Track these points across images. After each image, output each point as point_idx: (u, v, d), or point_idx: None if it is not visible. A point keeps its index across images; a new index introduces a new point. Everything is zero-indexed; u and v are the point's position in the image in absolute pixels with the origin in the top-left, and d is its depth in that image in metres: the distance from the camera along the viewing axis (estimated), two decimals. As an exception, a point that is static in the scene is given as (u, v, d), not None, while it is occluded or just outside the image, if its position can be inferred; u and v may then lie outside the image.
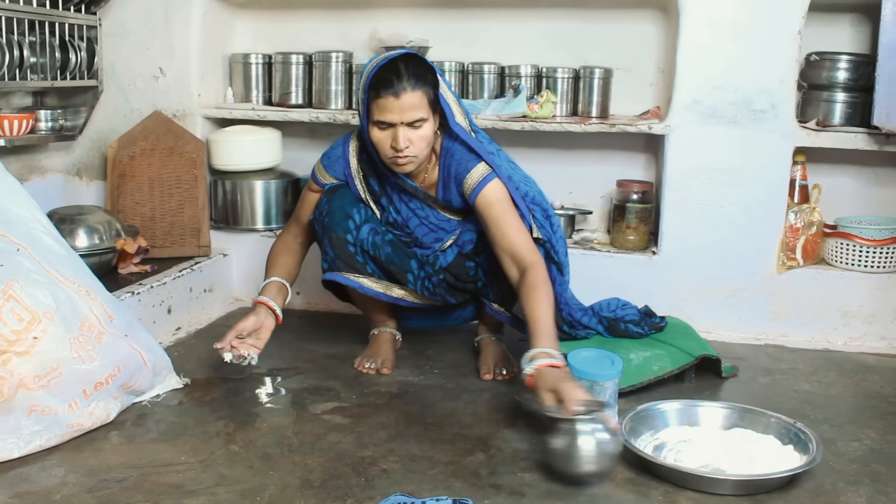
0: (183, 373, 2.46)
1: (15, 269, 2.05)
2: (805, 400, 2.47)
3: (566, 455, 1.89)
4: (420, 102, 2.25)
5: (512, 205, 2.36)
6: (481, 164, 2.37)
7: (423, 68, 2.28)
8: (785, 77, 2.89)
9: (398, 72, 2.23)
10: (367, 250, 2.48)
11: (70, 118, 3.18)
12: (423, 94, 2.25)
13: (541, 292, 2.20)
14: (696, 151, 2.98)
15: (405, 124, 2.26)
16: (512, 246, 2.30)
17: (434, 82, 2.30)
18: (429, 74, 2.29)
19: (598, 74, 3.16)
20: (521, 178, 2.51)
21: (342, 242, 2.47)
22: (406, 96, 2.23)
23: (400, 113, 2.24)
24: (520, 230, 2.33)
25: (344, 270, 2.50)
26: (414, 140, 2.28)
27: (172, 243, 3.15)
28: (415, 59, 2.29)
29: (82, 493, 1.84)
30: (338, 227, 2.46)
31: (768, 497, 1.89)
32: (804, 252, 3.01)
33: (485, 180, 2.35)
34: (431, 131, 2.31)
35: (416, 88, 2.24)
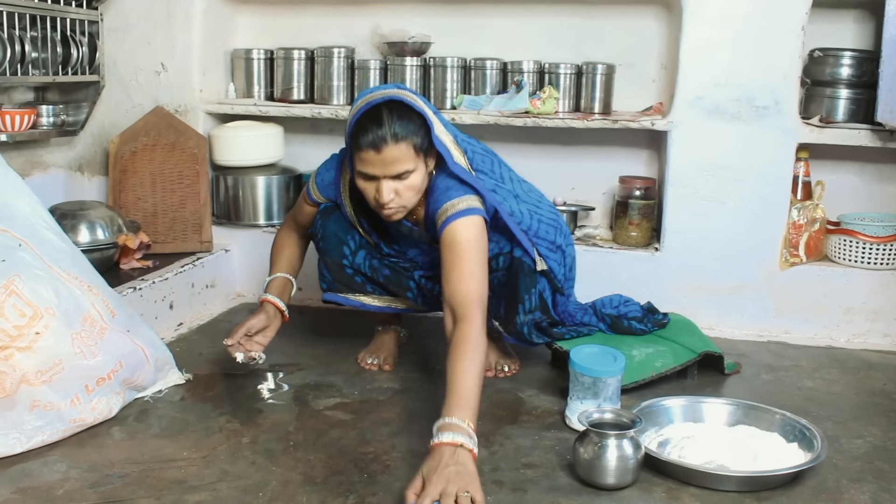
0: (185, 368, 2.46)
1: (17, 265, 2.04)
2: (808, 397, 2.47)
3: (590, 465, 1.89)
4: (405, 154, 2.08)
5: (476, 246, 2.13)
6: (459, 200, 2.16)
7: (409, 115, 2.09)
8: (788, 73, 2.88)
9: (380, 121, 2.05)
10: (365, 272, 2.46)
11: (72, 113, 3.18)
12: (408, 146, 2.08)
13: (468, 353, 1.92)
14: (699, 148, 2.97)
15: (389, 178, 2.11)
16: (453, 294, 2.05)
17: (424, 127, 2.12)
18: (416, 121, 2.10)
19: (600, 70, 3.15)
20: (531, 209, 2.38)
21: (338, 267, 2.44)
22: (388, 150, 2.05)
23: (382, 167, 2.08)
24: (471, 276, 2.07)
25: (342, 291, 2.49)
26: (400, 191, 2.12)
27: (174, 239, 3.14)
28: (400, 105, 2.10)
29: (84, 489, 1.83)
30: (333, 252, 2.43)
31: (772, 494, 1.88)
32: (807, 249, 3.00)
33: (455, 215, 2.13)
34: (421, 179, 2.15)
35: (399, 141, 2.06)
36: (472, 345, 1.95)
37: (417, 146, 2.10)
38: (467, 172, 2.22)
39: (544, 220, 2.39)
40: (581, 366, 2.16)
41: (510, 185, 2.40)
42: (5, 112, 2.80)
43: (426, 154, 2.15)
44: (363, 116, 2.08)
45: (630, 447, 1.89)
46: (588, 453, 1.89)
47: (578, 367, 2.16)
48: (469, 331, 1.98)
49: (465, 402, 1.83)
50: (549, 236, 2.39)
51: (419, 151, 2.11)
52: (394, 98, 2.11)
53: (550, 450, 2.08)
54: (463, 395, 1.84)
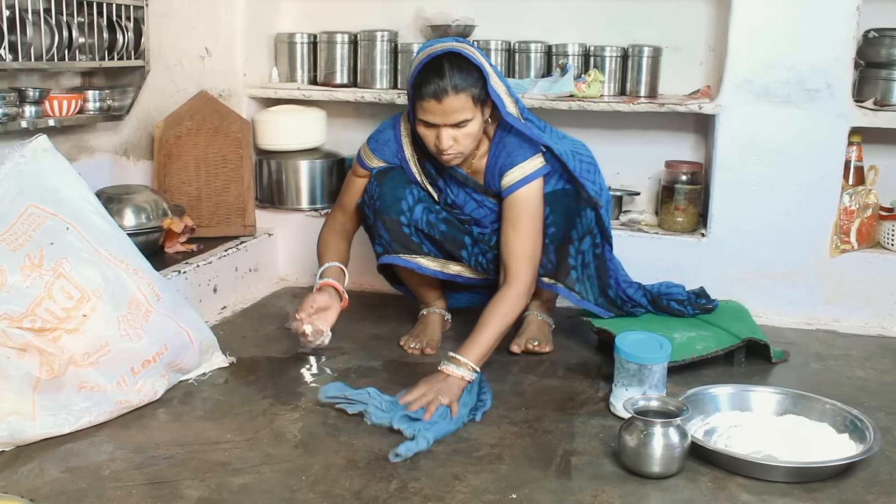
0: (229, 351, 2.47)
1: (64, 248, 2.07)
2: (859, 387, 2.42)
3: (635, 453, 1.86)
4: (464, 104, 2.21)
5: (536, 212, 2.36)
6: (525, 163, 2.36)
7: (468, 68, 2.22)
8: (841, 55, 2.81)
9: (441, 73, 2.19)
10: (422, 229, 2.48)
11: (117, 98, 3.20)
12: (467, 96, 2.21)
13: (499, 311, 2.26)
14: (748, 132, 2.92)
15: (449, 125, 2.24)
16: (509, 254, 2.33)
17: (481, 79, 2.24)
18: (474, 73, 2.23)
19: (646, 53, 3.10)
20: (572, 150, 2.47)
21: (396, 225, 2.46)
22: (448, 100, 2.19)
23: (443, 116, 2.22)
24: (526, 242, 2.33)
25: (400, 252, 2.49)
26: (459, 138, 2.26)
27: (218, 223, 3.16)
28: (459, 58, 2.23)
29: (131, 470, 1.85)
30: (390, 209, 2.45)
31: (822, 486, 1.84)
32: (859, 235, 2.93)
33: (520, 182, 2.35)
34: (478, 127, 2.29)
35: (459, 92, 2.20)
36: (509, 305, 2.28)
37: (475, 96, 2.23)
38: (518, 120, 2.34)
39: (584, 160, 2.47)
40: (626, 352, 2.13)
41: (551, 132, 2.51)
42: (53, 97, 2.83)
43: (483, 104, 2.27)
44: (425, 68, 2.21)
45: (676, 435, 1.86)
46: (633, 441, 1.86)
47: (624, 354, 2.14)
48: (511, 292, 2.29)
49: (478, 348, 2.18)
50: (590, 175, 2.47)
51: (477, 101, 2.24)
52: (453, 50, 2.23)
53: (595, 437, 2.06)
54: (478, 343, 2.20)
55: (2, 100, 2.60)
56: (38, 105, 2.77)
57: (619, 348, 2.15)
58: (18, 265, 1.99)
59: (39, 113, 2.77)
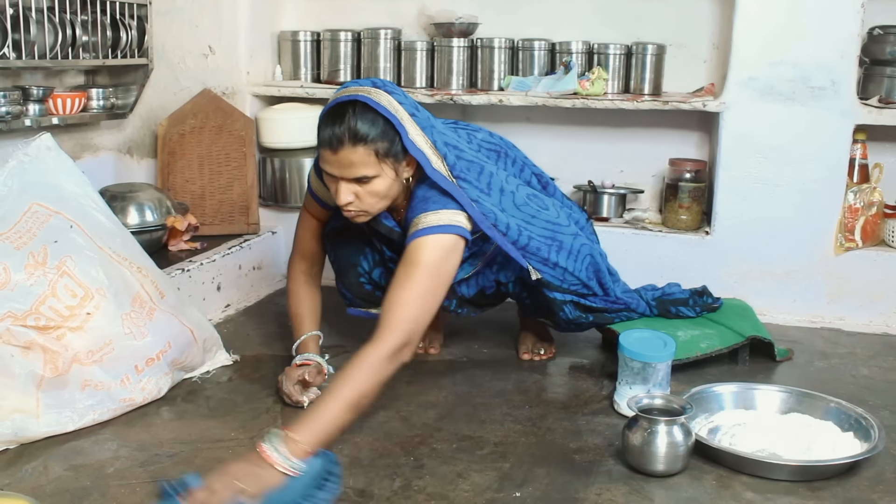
0: (232, 349, 2.48)
1: (68, 246, 2.07)
2: (864, 385, 2.41)
3: (639, 451, 1.86)
4: (364, 159, 1.94)
5: (437, 270, 1.98)
6: (435, 213, 2.02)
7: (370, 119, 1.93)
8: (846, 52, 2.80)
9: (341, 122, 1.92)
10: (384, 287, 2.26)
11: (121, 97, 3.21)
12: (367, 150, 1.93)
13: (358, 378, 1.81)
14: (752, 129, 2.91)
15: (347, 180, 1.98)
16: (389, 308, 1.93)
17: (390, 134, 1.96)
18: (378, 127, 1.94)
19: (650, 51, 3.09)
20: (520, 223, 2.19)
21: (358, 286, 2.38)
22: (345, 152, 1.93)
23: (339, 168, 1.96)
24: (415, 300, 1.93)
25: (364, 307, 2.44)
26: (361, 195, 2.00)
27: (222, 221, 3.16)
28: (366, 108, 1.94)
29: (134, 467, 1.86)
30: (349, 274, 2.37)
31: (826, 484, 1.84)
32: (863, 233, 2.92)
33: (427, 230, 2.00)
34: (387, 186, 2.00)
35: (357, 145, 1.92)
36: (366, 368, 1.84)
37: (381, 151, 1.96)
38: (446, 180, 2.04)
39: (535, 236, 2.20)
40: (630, 350, 2.13)
41: (496, 198, 2.17)
42: (57, 96, 2.83)
43: (396, 159, 1.99)
44: (328, 112, 1.97)
45: (680, 434, 1.86)
46: (637, 439, 1.86)
47: (627, 352, 2.13)
48: (373, 352, 1.86)
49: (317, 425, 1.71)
50: (540, 253, 2.21)
51: (384, 157, 1.97)
52: (361, 98, 1.95)
53: (599, 435, 2.05)
54: (320, 418, 1.73)
55: (5, 98, 2.60)
56: (41, 103, 2.77)
57: (623, 346, 2.15)
58: (22, 263, 2.00)
59: (43, 111, 2.78)
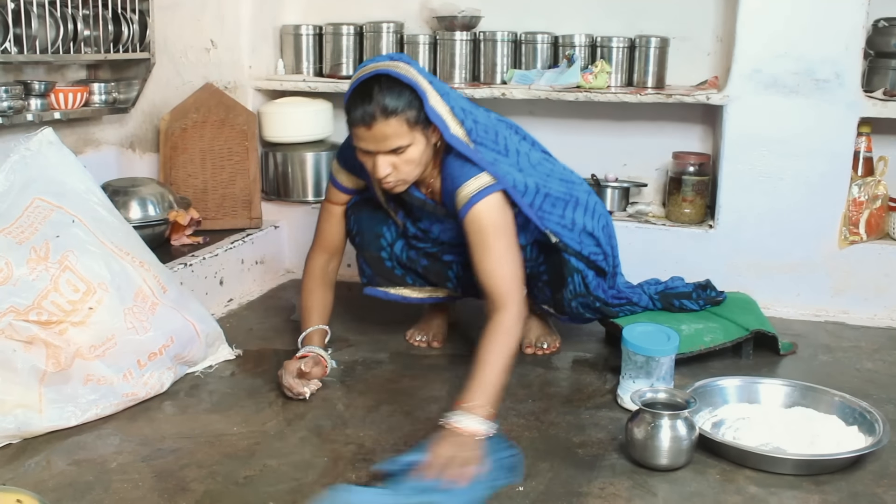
0: (235, 344, 2.47)
1: (70, 241, 2.07)
2: (868, 379, 2.40)
3: (643, 446, 1.86)
4: (396, 130, 2.01)
5: (502, 227, 2.09)
6: (473, 180, 2.10)
7: (397, 91, 2.01)
8: (850, 44, 2.78)
9: (370, 98, 2.00)
10: (405, 262, 2.42)
11: (123, 91, 3.20)
12: (399, 121, 2.01)
13: (496, 342, 1.95)
14: (756, 122, 2.89)
15: (384, 152, 2.05)
16: (489, 279, 2.05)
17: (416, 102, 2.03)
18: (407, 96, 2.02)
19: (654, 44, 3.08)
20: (537, 182, 2.24)
21: (378, 260, 2.41)
22: (378, 126, 2.00)
23: (375, 143, 2.03)
24: (501, 261, 2.06)
25: (383, 285, 2.46)
26: (398, 165, 2.07)
27: (224, 215, 3.16)
28: (390, 81, 2.02)
29: (137, 462, 1.85)
30: (371, 245, 2.39)
31: (831, 478, 1.84)
32: (868, 226, 2.91)
33: (473, 199, 2.08)
34: (420, 152, 2.08)
35: (389, 117, 2.00)
36: (503, 333, 1.98)
37: (411, 120, 2.03)
38: (464, 144, 2.12)
39: (552, 192, 2.27)
40: (634, 344, 2.12)
41: (514, 158, 2.25)
42: (59, 90, 2.82)
43: (424, 126, 2.07)
44: (354, 92, 2.04)
45: (684, 427, 1.85)
46: (641, 433, 1.85)
47: (631, 346, 2.13)
48: (501, 319, 1.99)
49: (485, 392, 1.87)
50: (556, 210, 2.27)
51: (414, 125, 2.04)
52: (383, 72, 2.04)
53: (602, 429, 2.05)
54: (485, 385, 1.88)
55: (7, 93, 2.60)
56: (43, 98, 2.77)
57: (626, 340, 2.14)
58: (24, 258, 1.99)
59: (45, 106, 2.77)
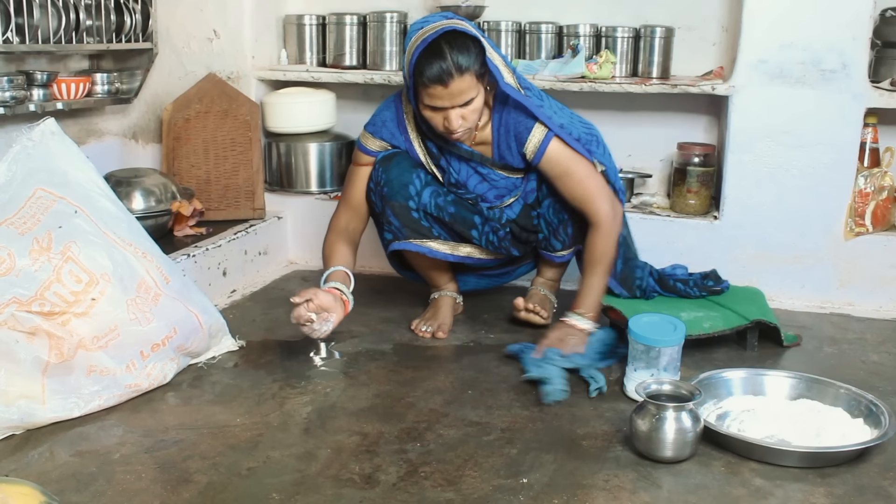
0: (238, 335, 2.47)
1: (73, 231, 2.06)
2: (873, 371, 2.39)
3: (647, 437, 1.85)
4: (469, 84, 2.18)
5: (574, 155, 2.37)
6: (538, 126, 2.35)
7: (466, 46, 2.17)
8: (857, 34, 2.77)
9: (443, 56, 2.14)
10: (431, 213, 2.46)
11: (126, 81, 3.19)
12: (471, 75, 2.18)
13: (601, 249, 2.37)
14: (762, 113, 2.88)
15: (457, 106, 2.21)
16: (582, 203, 2.39)
17: (480, 54, 2.20)
18: (473, 50, 2.18)
19: (658, 33, 3.06)
20: (569, 121, 2.45)
21: (405, 210, 2.44)
22: (454, 83, 2.16)
23: (450, 99, 2.19)
24: (587, 181, 2.38)
25: (410, 238, 2.47)
26: (466, 115, 2.24)
27: (227, 206, 3.15)
28: (458, 36, 2.17)
29: (140, 453, 1.85)
30: (398, 195, 2.43)
31: (836, 471, 1.83)
32: (874, 218, 2.90)
33: (545, 141, 2.35)
34: (482, 101, 2.27)
35: (464, 72, 2.16)
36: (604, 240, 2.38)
37: (478, 73, 2.20)
38: (517, 91, 2.32)
39: (582, 135, 2.45)
40: (639, 334, 2.11)
41: (549, 102, 2.47)
42: (61, 80, 2.81)
43: (483, 77, 2.24)
44: (424, 52, 2.15)
45: (689, 420, 1.84)
46: (646, 425, 1.85)
47: (637, 336, 2.12)
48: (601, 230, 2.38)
49: (591, 296, 2.38)
50: (589, 144, 2.46)
51: (480, 77, 2.22)
52: (450, 29, 2.17)
53: (607, 421, 2.04)
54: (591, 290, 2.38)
55: (10, 83, 2.59)
56: (45, 88, 2.76)
57: (632, 330, 2.14)
58: (27, 249, 1.98)
59: (47, 96, 2.76)
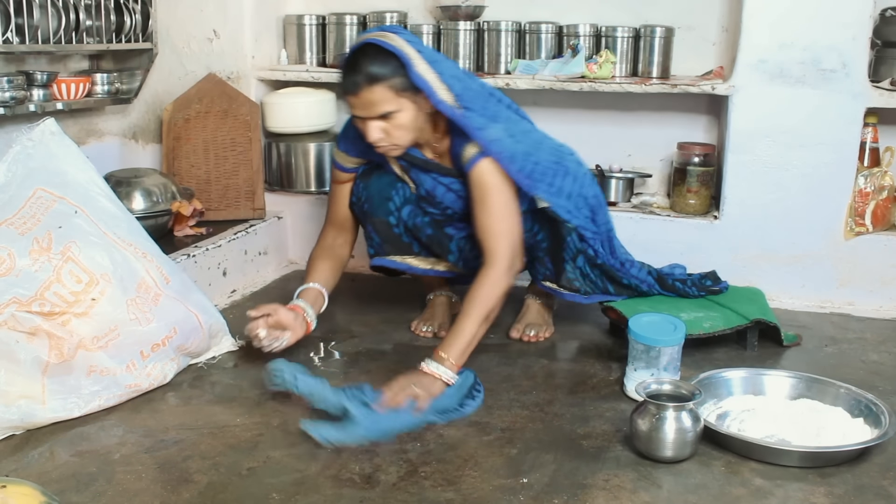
0: (238, 335, 2.47)
1: (73, 231, 2.06)
2: (874, 371, 2.39)
3: (647, 437, 1.85)
4: (382, 97, 2.12)
5: (499, 186, 2.21)
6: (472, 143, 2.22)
7: (382, 59, 2.11)
8: (857, 34, 2.76)
9: (356, 68, 2.11)
10: (411, 229, 2.45)
11: (126, 81, 3.18)
12: (384, 88, 2.11)
13: (484, 295, 2.13)
14: (762, 113, 2.88)
15: (374, 118, 2.16)
16: (484, 234, 2.21)
17: (401, 70, 2.12)
18: (390, 65, 2.11)
19: (658, 33, 3.06)
20: (530, 148, 2.29)
21: (386, 226, 2.44)
22: (364, 93, 2.11)
23: (363, 109, 2.15)
24: (498, 217, 2.20)
25: (391, 254, 2.49)
26: (389, 130, 2.17)
27: (227, 206, 3.15)
28: (374, 49, 2.12)
29: (140, 453, 1.85)
30: (379, 210, 2.42)
31: (837, 471, 1.83)
32: (874, 218, 2.89)
33: (473, 160, 2.21)
34: (410, 118, 2.18)
35: (373, 84, 2.10)
36: (490, 287, 2.15)
37: (397, 86, 2.13)
38: (451, 109, 2.19)
39: (540, 162, 2.30)
40: (639, 334, 2.11)
41: (504, 124, 2.29)
42: (61, 80, 2.81)
43: (413, 92, 2.15)
44: (345, 62, 2.17)
45: (689, 419, 1.84)
46: (645, 425, 1.85)
47: (636, 336, 2.12)
48: (491, 273, 2.17)
49: (459, 343, 2.08)
50: (546, 178, 2.30)
51: (401, 91, 2.14)
52: (370, 42, 2.15)
53: (607, 421, 2.04)
54: (460, 336, 2.09)
55: (9, 83, 2.59)
56: (45, 88, 2.75)
57: (632, 330, 2.14)
58: (27, 249, 1.99)
59: (47, 96, 2.76)
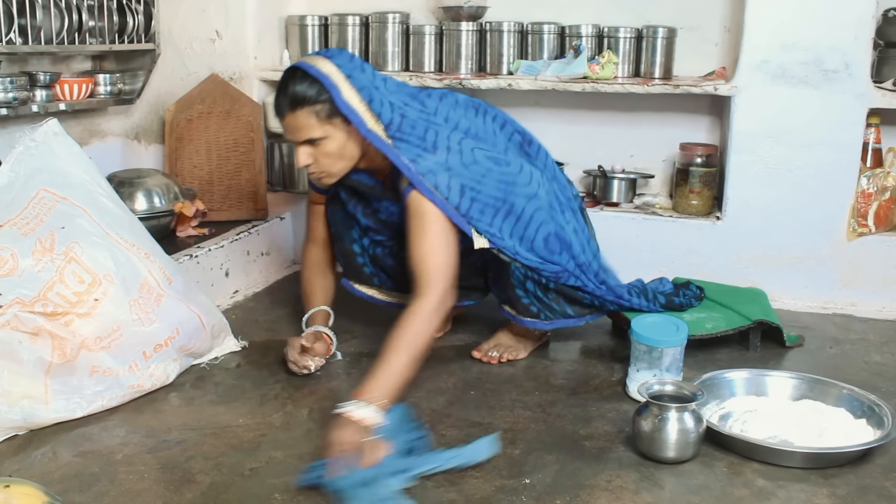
0: (241, 336, 2.47)
1: (76, 232, 2.06)
2: (876, 372, 2.39)
3: (650, 438, 1.85)
4: (306, 122, 2.07)
5: (437, 215, 2.08)
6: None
7: (307, 84, 2.05)
8: (860, 34, 2.76)
9: (283, 91, 2.09)
10: (375, 260, 2.42)
11: (128, 82, 3.19)
12: (308, 114, 2.06)
13: (413, 331, 1.97)
14: (764, 113, 2.88)
15: (301, 143, 2.12)
16: (416, 264, 2.07)
17: (324, 96, 2.05)
18: (315, 90, 2.05)
19: (661, 34, 3.06)
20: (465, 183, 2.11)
21: (350, 254, 2.42)
22: (289, 118, 2.09)
23: (289, 133, 2.13)
24: (432, 248, 2.07)
25: (353, 282, 2.49)
26: (317, 157, 2.12)
27: (230, 206, 3.15)
28: (301, 75, 2.06)
29: (143, 454, 1.85)
30: (344, 237, 2.40)
31: (839, 471, 1.83)
32: (876, 218, 2.89)
33: (406, 190, 2.11)
34: (338, 146, 2.11)
35: (296, 110, 2.06)
36: (417, 321, 1.99)
37: (321, 113, 2.07)
38: (379, 139, 2.09)
39: (479, 198, 2.12)
40: (642, 335, 2.11)
41: (443, 156, 2.12)
42: (64, 81, 2.82)
43: (343, 119, 2.08)
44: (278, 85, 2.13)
45: (691, 420, 1.84)
46: (648, 426, 1.85)
47: (639, 337, 2.12)
48: (420, 307, 2.01)
49: (384, 381, 1.89)
50: (485, 217, 2.13)
51: (327, 118, 2.07)
52: (298, 65, 2.09)
53: (609, 422, 2.04)
54: (384, 374, 1.90)
55: (12, 83, 2.59)
56: (48, 89, 2.76)
57: (634, 331, 2.14)
58: (30, 249, 1.99)
59: (50, 97, 2.77)
